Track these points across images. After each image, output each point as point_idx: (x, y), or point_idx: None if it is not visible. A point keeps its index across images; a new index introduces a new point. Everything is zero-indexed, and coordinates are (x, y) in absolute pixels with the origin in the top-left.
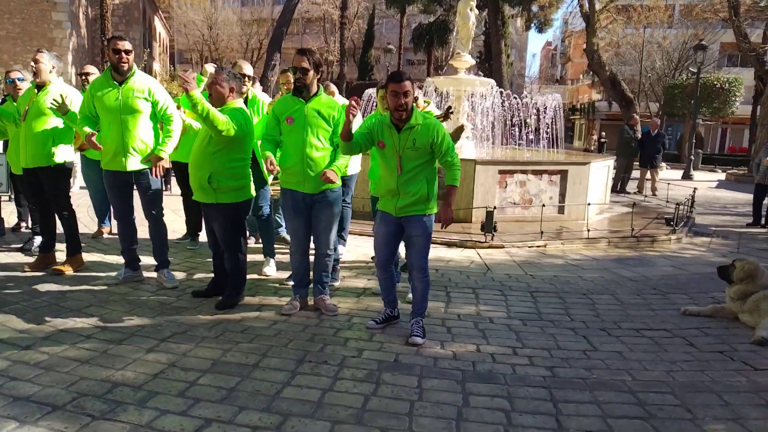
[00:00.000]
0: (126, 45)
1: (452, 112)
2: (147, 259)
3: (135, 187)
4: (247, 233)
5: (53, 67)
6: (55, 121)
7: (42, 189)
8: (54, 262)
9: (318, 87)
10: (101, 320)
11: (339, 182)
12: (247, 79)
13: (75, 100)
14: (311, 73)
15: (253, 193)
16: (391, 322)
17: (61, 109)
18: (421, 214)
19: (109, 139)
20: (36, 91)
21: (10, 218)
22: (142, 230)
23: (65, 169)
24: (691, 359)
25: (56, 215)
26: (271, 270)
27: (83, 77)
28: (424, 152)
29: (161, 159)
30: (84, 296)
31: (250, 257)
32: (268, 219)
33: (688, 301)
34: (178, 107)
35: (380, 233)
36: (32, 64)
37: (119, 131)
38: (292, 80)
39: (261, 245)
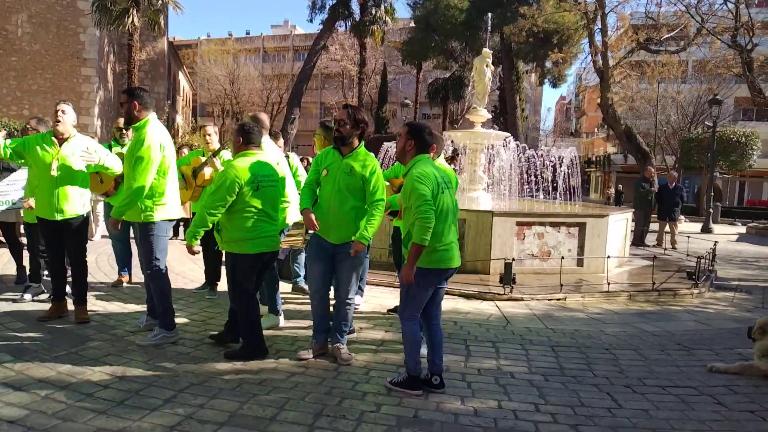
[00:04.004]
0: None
1: (458, 154)
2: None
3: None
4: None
5: (74, 121)
6: (81, 173)
7: (63, 238)
8: (67, 311)
9: (359, 143)
10: (119, 370)
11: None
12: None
13: (97, 149)
14: (348, 126)
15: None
16: None
17: (92, 160)
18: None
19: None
20: (58, 143)
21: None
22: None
23: (87, 218)
24: (720, 419)
25: (72, 262)
26: (280, 322)
27: (121, 131)
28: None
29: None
30: (103, 345)
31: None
32: (273, 273)
33: (713, 358)
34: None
35: None
36: (59, 113)
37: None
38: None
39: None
